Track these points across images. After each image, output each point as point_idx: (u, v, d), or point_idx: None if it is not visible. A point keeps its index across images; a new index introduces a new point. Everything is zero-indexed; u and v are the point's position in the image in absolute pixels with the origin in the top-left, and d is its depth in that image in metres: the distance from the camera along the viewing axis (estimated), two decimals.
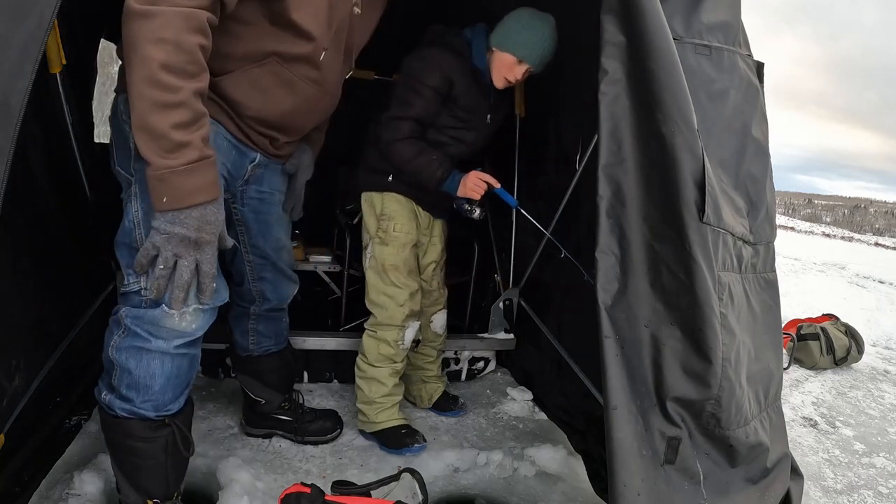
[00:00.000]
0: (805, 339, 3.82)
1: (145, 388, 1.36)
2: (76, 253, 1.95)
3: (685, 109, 1.33)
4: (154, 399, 1.38)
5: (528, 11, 1.93)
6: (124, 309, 1.36)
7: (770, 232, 1.70)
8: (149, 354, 1.35)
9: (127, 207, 1.37)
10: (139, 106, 1.12)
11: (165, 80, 1.11)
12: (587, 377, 2.14)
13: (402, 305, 2.10)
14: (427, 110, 1.97)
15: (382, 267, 2.09)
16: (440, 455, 2.07)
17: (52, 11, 1.08)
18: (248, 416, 2.11)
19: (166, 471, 1.47)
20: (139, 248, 1.30)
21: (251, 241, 1.79)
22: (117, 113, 1.39)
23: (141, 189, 1.32)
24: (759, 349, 1.59)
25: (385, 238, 2.08)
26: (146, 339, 1.33)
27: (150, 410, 1.38)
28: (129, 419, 1.38)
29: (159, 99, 1.11)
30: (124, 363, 1.35)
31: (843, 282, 7.90)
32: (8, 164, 1.03)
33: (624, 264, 1.41)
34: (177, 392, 1.42)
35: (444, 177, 1.96)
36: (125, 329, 1.35)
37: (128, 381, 1.36)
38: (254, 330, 1.97)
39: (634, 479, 1.34)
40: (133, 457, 1.43)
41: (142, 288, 1.32)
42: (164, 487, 1.48)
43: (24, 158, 1.47)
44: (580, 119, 2.19)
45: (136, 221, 1.34)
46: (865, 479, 2.41)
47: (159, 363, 1.36)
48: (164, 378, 1.37)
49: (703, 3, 1.49)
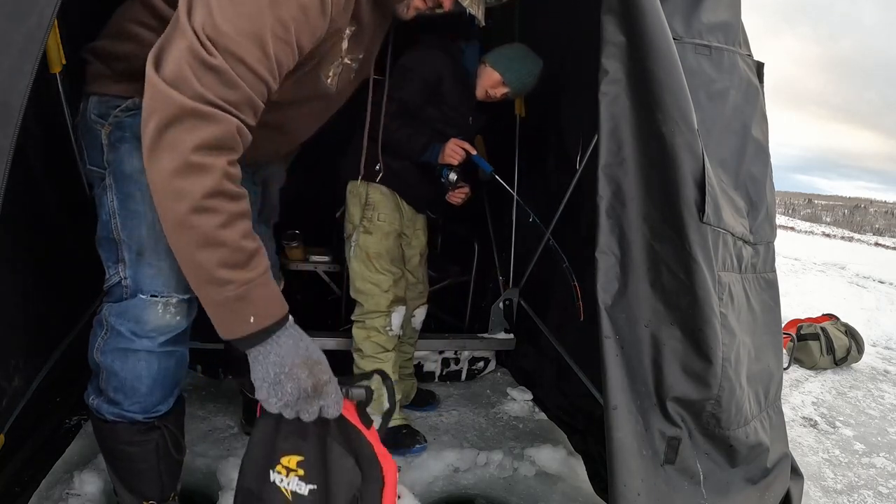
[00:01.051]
0: (805, 339, 3.82)
1: (132, 390, 1.32)
2: (76, 253, 1.95)
3: (685, 109, 1.33)
4: (142, 401, 1.34)
5: (526, 49, 2.20)
6: (106, 307, 1.32)
7: (770, 232, 1.70)
8: (134, 356, 1.30)
9: (102, 200, 1.31)
10: None
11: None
12: (587, 377, 2.14)
13: (387, 291, 2.14)
14: (412, 96, 2.09)
15: (367, 255, 2.14)
16: (440, 455, 2.07)
17: (52, 11, 1.08)
18: (248, 415, 2.11)
19: (160, 473, 1.44)
20: (116, 238, 1.28)
21: None
22: (86, 114, 1.33)
23: (116, 179, 1.28)
24: (759, 349, 1.59)
25: (369, 227, 2.13)
26: (130, 339, 1.29)
27: (138, 413, 1.35)
28: (118, 423, 1.35)
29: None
30: (110, 366, 1.31)
31: (843, 282, 7.90)
32: (8, 163, 1.03)
33: (624, 264, 1.41)
34: (165, 393, 1.38)
35: (426, 145, 2.06)
36: (108, 329, 1.31)
37: (115, 383, 1.32)
38: None
39: (634, 479, 1.34)
40: (125, 461, 1.41)
41: (122, 278, 1.29)
42: (159, 490, 1.47)
43: (24, 158, 1.47)
44: (580, 119, 2.19)
45: (112, 211, 1.29)
46: (865, 479, 2.41)
47: (145, 364, 1.32)
48: (151, 379, 1.33)
49: (703, 3, 1.49)
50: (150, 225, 1.26)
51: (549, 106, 2.46)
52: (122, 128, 1.27)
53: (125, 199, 1.27)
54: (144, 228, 1.27)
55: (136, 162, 1.24)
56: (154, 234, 1.27)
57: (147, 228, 1.27)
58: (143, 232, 1.28)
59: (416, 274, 2.36)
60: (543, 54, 2.20)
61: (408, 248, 2.32)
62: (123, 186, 1.27)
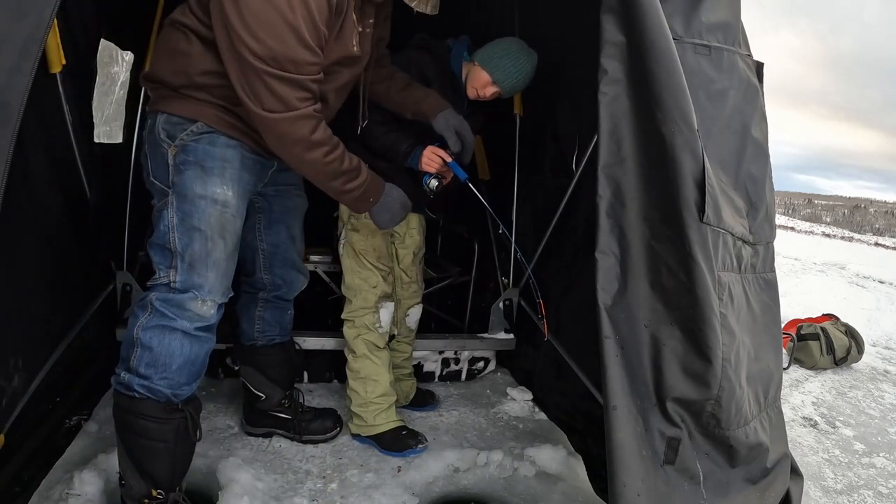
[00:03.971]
0: (805, 339, 3.81)
1: (164, 365, 1.50)
2: (76, 253, 1.95)
3: (685, 109, 1.33)
4: (170, 378, 1.51)
5: (518, 44, 2.09)
6: (153, 294, 1.53)
7: (770, 232, 1.70)
8: (171, 334, 1.51)
9: (162, 213, 1.54)
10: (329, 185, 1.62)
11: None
12: (587, 377, 2.14)
13: (375, 287, 2.16)
14: None
15: (354, 252, 2.17)
16: (440, 455, 2.07)
17: (52, 11, 1.08)
18: (248, 414, 2.12)
19: (174, 457, 1.56)
20: (172, 249, 1.52)
21: (265, 228, 1.90)
22: (155, 130, 1.53)
23: (178, 199, 1.52)
24: (759, 349, 1.59)
25: (356, 224, 2.16)
26: (172, 318, 1.51)
27: (165, 388, 1.51)
28: (144, 399, 1.50)
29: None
30: (148, 341, 1.50)
31: (843, 282, 7.89)
32: (7, 163, 1.03)
33: (624, 264, 1.41)
34: (190, 377, 1.56)
35: (408, 152, 2.04)
36: (152, 310, 1.51)
37: (148, 358, 1.50)
38: (260, 318, 2.03)
39: (634, 480, 1.34)
40: (144, 438, 1.52)
41: (171, 281, 1.52)
42: (170, 475, 1.56)
43: (24, 158, 1.47)
44: (579, 119, 2.19)
45: (170, 226, 1.52)
46: (865, 479, 2.41)
47: (179, 343, 1.51)
48: (183, 359, 1.52)
49: (702, 3, 1.49)
50: (203, 242, 1.52)
51: (549, 106, 2.46)
52: (186, 152, 1.51)
53: (184, 217, 1.52)
54: (198, 244, 1.52)
55: (196, 187, 1.51)
56: (205, 250, 1.53)
57: (199, 245, 1.52)
58: (197, 248, 1.52)
59: (408, 273, 2.36)
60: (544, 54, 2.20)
61: (400, 247, 2.32)
62: (184, 206, 1.51)
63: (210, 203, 1.52)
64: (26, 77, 1.05)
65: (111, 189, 2.22)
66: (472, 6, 2.89)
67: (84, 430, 1.95)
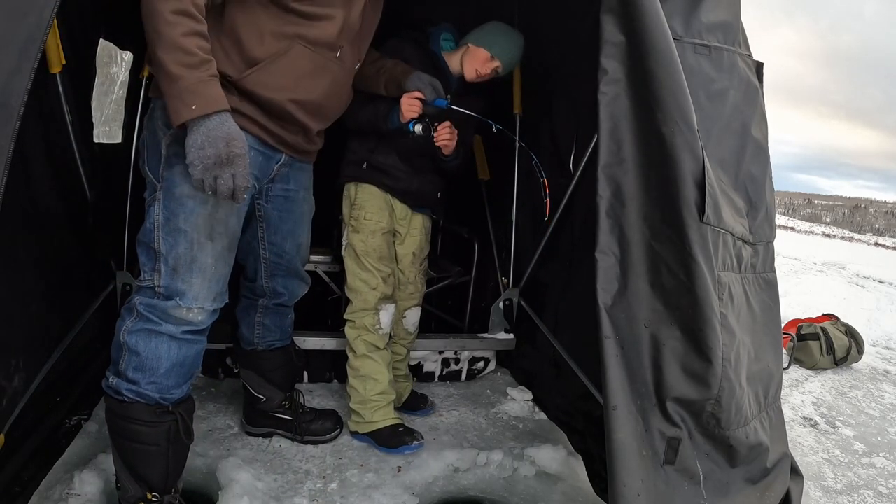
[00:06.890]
0: (805, 339, 3.81)
1: (151, 370, 1.46)
2: (76, 253, 1.95)
3: (685, 109, 1.33)
4: (158, 382, 1.47)
5: (504, 24, 2.22)
6: (138, 298, 1.48)
7: (770, 232, 1.70)
8: (157, 338, 1.46)
9: (150, 210, 1.48)
10: (167, 33, 1.28)
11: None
12: (587, 377, 2.14)
13: (375, 289, 2.17)
14: None
15: (355, 253, 2.18)
16: (440, 455, 2.07)
17: (52, 11, 1.08)
18: (249, 414, 2.11)
19: (167, 459, 1.52)
20: (156, 248, 1.45)
21: (269, 237, 1.83)
22: (154, 116, 1.48)
23: (166, 196, 1.45)
24: (759, 349, 1.59)
25: (356, 226, 2.18)
26: (157, 322, 1.45)
27: (154, 392, 1.46)
28: (133, 403, 1.46)
29: (187, 26, 1.27)
30: (134, 346, 1.45)
31: (843, 282, 7.89)
32: (7, 163, 1.03)
33: (624, 264, 1.41)
34: (180, 380, 1.51)
35: (387, 111, 2.04)
36: (137, 314, 1.46)
37: (135, 363, 1.46)
38: (260, 324, 2.01)
39: (634, 480, 1.34)
40: (136, 442, 1.49)
41: (155, 285, 1.46)
42: (164, 478, 1.53)
43: (24, 158, 1.47)
44: (578, 118, 2.19)
45: (156, 224, 1.45)
46: (865, 479, 2.41)
47: (166, 347, 1.46)
48: (170, 363, 1.47)
49: (702, 3, 1.49)
50: (188, 245, 1.45)
51: (547, 105, 2.46)
52: (178, 143, 1.39)
53: (170, 216, 1.44)
54: (182, 247, 1.45)
55: (185, 187, 1.42)
56: (190, 254, 1.45)
57: (184, 248, 1.45)
58: (181, 250, 1.45)
59: (407, 274, 2.36)
60: (543, 54, 2.20)
61: (399, 247, 2.32)
62: (171, 204, 1.44)
63: (199, 203, 1.44)
64: (26, 77, 1.05)
65: (111, 189, 2.21)
66: (472, 7, 2.89)
67: (84, 430, 1.95)
